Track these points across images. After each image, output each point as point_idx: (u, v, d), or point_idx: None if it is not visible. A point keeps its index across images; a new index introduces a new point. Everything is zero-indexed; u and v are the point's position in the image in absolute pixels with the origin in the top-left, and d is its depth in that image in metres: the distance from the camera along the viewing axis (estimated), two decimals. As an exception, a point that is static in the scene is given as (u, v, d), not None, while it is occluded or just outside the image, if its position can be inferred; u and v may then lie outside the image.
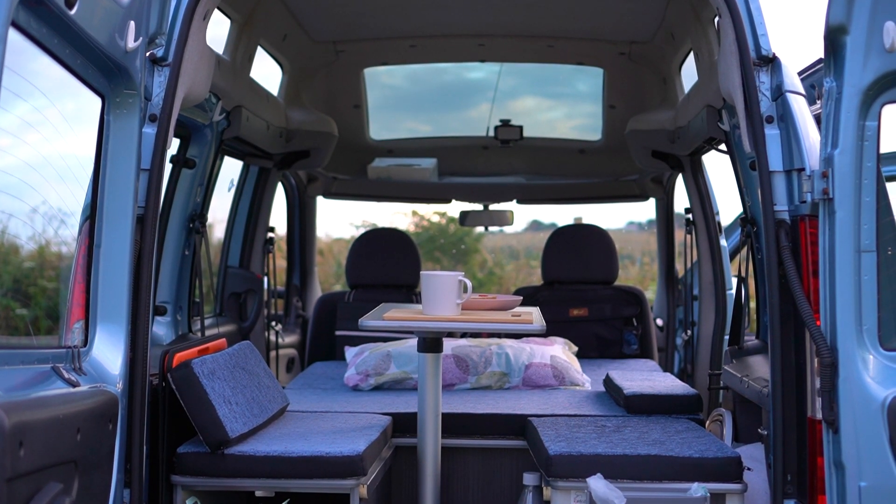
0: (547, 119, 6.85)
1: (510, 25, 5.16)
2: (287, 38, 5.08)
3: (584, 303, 6.03)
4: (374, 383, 4.76)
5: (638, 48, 5.32)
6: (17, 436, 2.19)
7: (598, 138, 6.40)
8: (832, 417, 2.89)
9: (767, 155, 3.20)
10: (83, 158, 3.03)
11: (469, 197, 6.80)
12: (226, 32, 4.48)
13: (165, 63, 3.30)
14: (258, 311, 5.60)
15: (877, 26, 2.82)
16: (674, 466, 3.36)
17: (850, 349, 2.88)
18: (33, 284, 6.81)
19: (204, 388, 3.42)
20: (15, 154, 2.70)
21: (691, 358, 5.71)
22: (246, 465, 3.42)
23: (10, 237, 2.93)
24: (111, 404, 2.83)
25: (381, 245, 5.99)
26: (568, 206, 7.80)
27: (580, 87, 6.41)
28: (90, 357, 2.95)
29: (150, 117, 3.23)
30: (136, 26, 2.94)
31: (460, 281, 3.41)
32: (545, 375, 4.81)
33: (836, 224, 2.89)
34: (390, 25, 5.17)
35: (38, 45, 2.58)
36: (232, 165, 5.32)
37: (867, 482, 2.84)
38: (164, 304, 4.26)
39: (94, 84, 2.94)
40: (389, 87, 6.44)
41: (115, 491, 2.88)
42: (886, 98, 2.89)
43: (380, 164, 6.25)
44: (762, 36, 3.28)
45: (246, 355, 3.97)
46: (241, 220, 5.64)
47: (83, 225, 3.02)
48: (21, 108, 2.63)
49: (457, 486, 4.16)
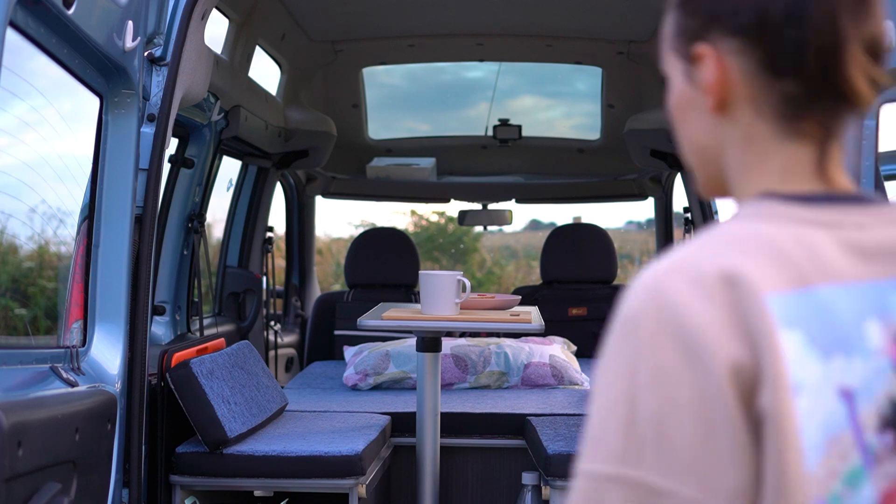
0: (546, 118, 6.85)
1: (509, 25, 5.16)
2: (286, 37, 5.08)
3: (583, 302, 6.03)
4: (372, 383, 4.76)
5: (637, 47, 5.32)
6: (16, 436, 2.19)
7: (596, 137, 6.40)
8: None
9: (766, 154, 3.20)
10: (81, 158, 3.02)
11: (468, 196, 6.80)
12: (224, 32, 4.47)
13: (164, 63, 3.30)
14: (257, 310, 5.60)
15: (875, 25, 2.82)
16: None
17: (849, 348, 2.88)
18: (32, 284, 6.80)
19: (203, 388, 3.42)
20: (13, 154, 2.70)
21: (690, 357, 5.71)
22: (245, 465, 3.42)
23: (9, 237, 2.93)
24: (110, 404, 2.83)
25: (379, 245, 5.99)
26: (567, 206, 7.80)
27: (579, 87, 6.41)
28: (89, 357, 2.94)
29: (148, 117, 3.23)
30: (134, 26, 2.94)
31: (459, 280, 3.41)
32: (544, 375, 4.81)
33: (834, 223, 2.89)
34: (389, 25, 5.17)
35: (35, 44, 2.58)
36: (231, 165, 5.32)
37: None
38: (162, 304, 4.26)
39: (92, 84, 2.94)
40: (388, 86, 6.44)
41: (113, 491, 2.88)
42: (885, 97, 2.89)
43: (378, 163, 6.25)
44: (760, 35, 3.28)
45: (245, 355, 3.97)
46: (240, 220, 5.64)
47: (81, 225, 3.02)
48: (19, 108, 2.63)
49: (456, 486, 4.16)
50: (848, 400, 1.07)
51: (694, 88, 1.21)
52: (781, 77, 1.15)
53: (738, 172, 1.20)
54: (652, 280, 1.09)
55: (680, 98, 1.24)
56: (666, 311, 1.06)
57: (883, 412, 1.08)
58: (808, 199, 1.14)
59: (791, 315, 1.06)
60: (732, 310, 1.05)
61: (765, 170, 1.18)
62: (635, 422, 1.04)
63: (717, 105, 1.18)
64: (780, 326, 1.05)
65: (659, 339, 1.06)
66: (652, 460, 1.03)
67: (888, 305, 1.10)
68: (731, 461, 1.03)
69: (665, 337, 1.06)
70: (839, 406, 1.06)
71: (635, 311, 1.07)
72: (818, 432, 1.05)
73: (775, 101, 1.16)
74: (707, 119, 1.21)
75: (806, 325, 1.06)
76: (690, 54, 1.20)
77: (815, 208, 1.13)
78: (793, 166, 1.17)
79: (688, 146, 1.26)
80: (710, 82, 1.18)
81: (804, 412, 1.04)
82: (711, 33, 1.17)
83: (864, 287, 1.11)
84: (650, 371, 1.05)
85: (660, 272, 1.09)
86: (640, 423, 1.04)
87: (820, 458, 1.05)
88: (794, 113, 1.16)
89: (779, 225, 1.12)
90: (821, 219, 1.13)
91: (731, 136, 1.19)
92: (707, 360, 1.04)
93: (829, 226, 1.12)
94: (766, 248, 1.09)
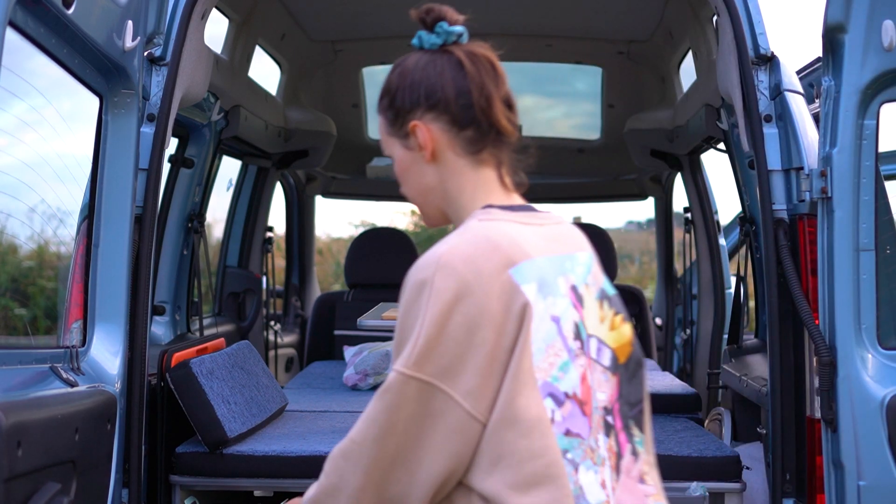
0: (545, 118, 6.85)
1: (509, 24, 5.15)
2: (285, 37, 5.08)
3: (583, 302, 6.02)
4: (372, 382, 4.76)
5: (636, 47, 5.32)
6: (16, 436, 2.19)
7: (596, 137, 6.40)
8: (831, 416, 2.89)
9: (766, 154, 3.20)
10: (81, 158, 3.02)
11: (468, 196, 6.78)
12: (224, 32, 4.47)
13: (163, 62, 3.30)
14: (257, 310, 5.60)
15: (875, 25, 2.82)
16: (672, 465, 3.36)
17: (849, 348, 2.88)
18: (32, 284, 6.80)
19: (202, 388, 3.42)
20: (13, 154, 2.70)
21: (690, 357, 5.71)
22: (245, 465, 3.42)
23: (9, 237, 2.93)
24: (109, 404, 2.83)
25: (379, 245, 5.98)
26: (567, 206, 7.79)
27: (579, 87, 6.40)
28: (88, 357, 2.94)
29: (148, 117, 3.23)
30: (133, 26, 2.94)
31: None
32: (544, 375, 4.81)
33: (834, 223, 2.89)
34: (389, 25, 5.16)
35: (35, 44, 2.58)
36: (230, 165, 5.32)
37: (866, 481, 2.84)
38: (162, 304, 4.25)
39: (91, 83, 2.93)
40: (388, 86, 6.43)
41: (113, 491, 2.88)
42: (885, 97, 2.89)
43: (378, 163, 6.25)
44: (760, 35, 3.28)
45: (244, 355, 3.97)
46: (240, 220, 5.64)
47: (81, 225, 3.02)
48: (19, 108, 2.63)
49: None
50: (556, 322, 1.86)
51: (412, 153, 1.97)
52: (463, 129, 1.95)
53: (456, 194, 1.98)
54: (438, 257, 1.83)
55: (404, 164, 2.00)
56: (448, 273, 1.80)
57: (574, 329, 1.88)
58: (512, 208, 1.95)
59: (526, 275, 1.83)
60: (497, 273, 1.81)
61: (471, 188, 1.97)
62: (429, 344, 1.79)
63: (430, 156, 1.96)
64: (522, 283, 1.82)
65: (442, 293, 1.80)
66: (430, 369, 1.79)
67: (565, 268, 1.92)
68: (476, 371, 1.79)
69: (448, 292, 1.79)
70: (552, 326, 1.85)
71: (425, 276, 1.83)
72: (542, 342, 1.83)
73: (463, 144, 1.96)
74: (426, 168, 1.98)
75: (535, 280, 1.84)
76: (405, 131, 1.96)
77: (517, 213, 1.94)
78: (485, 183, 1.97)
79: (416, 193, 2.02)
80: (424, 142, 1.95)
81: (535, 330, 1.82)
82: (416, 113, 1.95)
83: (553, 258, 1.91)
84: (433, 314, 1.80)
85: (444, 252, 1.83)
86: (430, 345, 1.79)
87: (543, 356, 1.83)
88: (475, 149, 1.96)
89: (505, 222, 1.89)
90: (522, 219, 1.93)
91: (444, 173, 1.97)
92: (473, 307, 1.79)
93: (526, 223, 1.93)
94: (505, 235, 1.86)
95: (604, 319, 1.97)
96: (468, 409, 1.79)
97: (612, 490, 1.90)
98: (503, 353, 1.80)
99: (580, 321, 1.90)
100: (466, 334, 1.79)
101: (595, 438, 1.88)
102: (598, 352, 1.93)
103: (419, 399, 1.80)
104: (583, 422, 1.86)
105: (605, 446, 1.90)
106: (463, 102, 1.93)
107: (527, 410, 1.80)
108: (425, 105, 1.95)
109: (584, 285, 1.94)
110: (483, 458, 1.82)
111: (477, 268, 1.80)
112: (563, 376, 1.84)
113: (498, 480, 1.81)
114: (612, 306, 2.01)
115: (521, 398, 1.80)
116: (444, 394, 1.79)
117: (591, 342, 1.92)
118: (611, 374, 1.95)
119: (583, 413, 1.86)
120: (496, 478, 1.81)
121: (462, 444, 1.80)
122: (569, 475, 1.83)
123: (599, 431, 1.89)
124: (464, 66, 1.95)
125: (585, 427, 1.86)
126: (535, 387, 1.81)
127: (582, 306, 1.92)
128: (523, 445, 1.80)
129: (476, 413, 1.79)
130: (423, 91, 1.95)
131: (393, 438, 1.82)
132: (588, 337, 1.92)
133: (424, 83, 1.96)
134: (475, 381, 1.79)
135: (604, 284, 2.02)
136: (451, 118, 1.94)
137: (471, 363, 1.79)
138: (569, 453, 1.83)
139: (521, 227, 1.89)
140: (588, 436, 1.86)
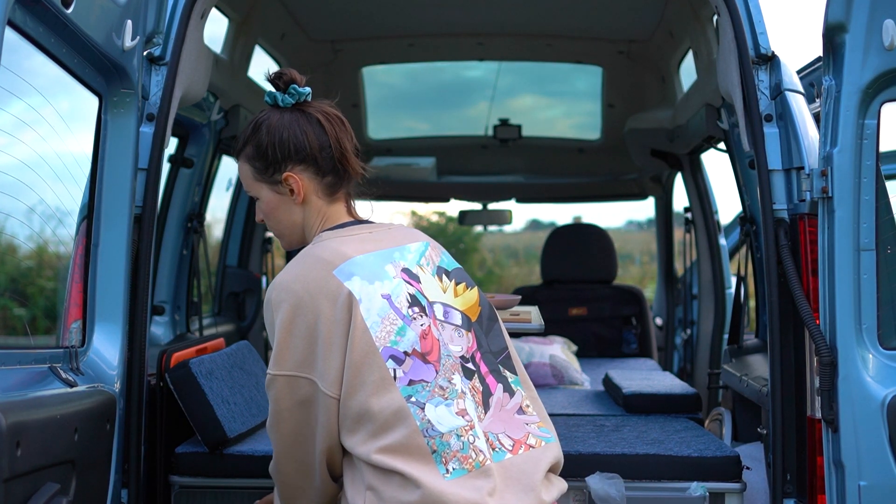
0: (546, 118, 6.84)
1: (509, 24, 5.15)
2: (285, 37, 5.07)
3: (584, 302, 6.02)
4: (372, 383, 4.76)
5: (637, 47, 5.31)
6: (15, 436, 2.18)
7: (597, 137, 6.39)
8: (831, 416, 2.89)
9: (766, 153, 3.20)
10: (80, 158, 3.02)
11: (468, 196, 6.79)
12: (224, 31, 4.47)
13: (163, 62, 3.29)
14: (257, 310, 5.59)
15: (876, 24, 2.81)
16: (673, 466, 3.35)
17: (850, 348, 2.87)
18: (31, 284, 6.80)
19: (202, 388, 3.42)
20: (12, 153, 2.70)
21: (690, 357, 5.71)
22: (244, 465, 3.42)
23: (8, 237, 2.93)
24: (109, 404, 2.83)
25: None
26: (567, 205, 7.81)
27: (579, 86, 6.40)
28: (88, 357, 2.94)
29: (147, 116, 3.22)
30: (133, 25, 2.94)
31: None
32: (544, 374, 4.81)
33: (835, 223, 2.88)
34: (388, 24, 5.16)
35: (34, 44, 2.57)
36: (230, 165, 5.31)
37: (867, 481, 2.84)
38: (162, 304, 4.25)
39: (91, 83, 2.93)
40: (388, 86, 6.43)
41: (112, 491, 2.88)
42: (886, 96, 2.88)
43: (378, 163, 6.25)
44: (761, 34, 3.27)
45: (244, 355, 3.97)
46: (240, 220, 5.64)
47: (80, 225, 3.01)
48: (17, 108, 2.62)
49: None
50: (388, 299, 2.40)
51: (281, 196, 2.55)
52: (325, 176, 2.55)
53: (312, 226, 2.57)
54: (279, 282, 2.42)
55: (272, 204, 2.57)
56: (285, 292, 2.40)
57: (408, 300, 2.42)
58: (342, 226, 2.55)
59: (347, 272, 2.39)
60: (324, 279, 2.39)
61: (321, 221, 2.57)
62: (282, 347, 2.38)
63: (301, 200, 2.55)
64: (345, 279, 2.38)
65: (284, 309, 2.37)
66: (289, 365, 2.38)
67: (394, 257, 2.48)
68: (322, 356, 2.35)
69: (287, 305, 2.37)
70: (384, 302, 2.39)
71: (271, 297, 2.41)
72: (376, 316, 2.37)
73: (324, 188, 2.56)
74: (295, 208, 2.56)
75: (358, 273, 2.40)
76: (276, 179, 2.53)
77: (345, 228, 2.54)
78: (337, 216, 2.58)
79: (284, 227, 2.60)
80: (297, 189, 2.53)
81: (366, 310, 2.36)
82: (286, 165, 2.52)
83: (378, 253, 2.46)
84: (280, 325, 2.37)
85: (283, 276, 2.43)
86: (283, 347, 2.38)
87: (379, 327, 2.36)
88: (332, 191, 2.57)
89: (330, 240, 2.50)
90: (348, 233, 2.52)
91: (308, 211, 2.57)
92: (309, 312, 2.36)
93: (353, 234, 2.52)
94: (327, 248, 2.45)
95: (446, 290, 2.51)
96: (322, 388, 2.35)
97: (479, 419, 2.40)
98: (339, 337, 2.35)
99: (417, 292, 2.45)
100: (307, 333, 2.36)
101: (447, 379, 2.38)
102: (444, 314, 2.47)
103: (290, 389, 2.38)
104: (426, 369, 2.37)
105: (468, 386, 2.41)
106: (325, 155, 2.51)
107: (370, 374, 2.33)
108: (296, 159, 2.50)
109: (416, 266, 2.50)
110: (347, 422, 2.35)
111: (306, 281, 2.39)
112: (401, 339, 2.38)
113: (362, 436, 2.33)
114: (452, 278, 2.55)
115: (363, 367, 2.33)
116: (305, 379, 2.37)
117: (435, 307, 2.46)
118: (465, 330, 2.48)
119: (426, 362, 2.38)
120: (360, 434, 2.34)
121: (326, 416, 2.37)
122: (414, 414, 2.33)
123: (455, 374, 2.40)
124: (322, 125, 2.50)
125: (431, 373, 2.37)
126: (377, 354, 2.34)
127: (419, 282, 2.47)
128: (373, 402, 2.32)
129: (328, 391, 2.35)
130: (293, 147, 2.49)
131: (285, 423, 2.42)
132: (431, 303, 2.46)
133: (293, 140, 2.49)
134: (322, 365, 2.35)
135: (441, 262, 2.56)
136: (317, 169, 2.52)
137: (318, 352, 2.35)
138: (413, 397, 2.34)
139: (344, 239, 2.49)
140: (433, 379, 2.37)
